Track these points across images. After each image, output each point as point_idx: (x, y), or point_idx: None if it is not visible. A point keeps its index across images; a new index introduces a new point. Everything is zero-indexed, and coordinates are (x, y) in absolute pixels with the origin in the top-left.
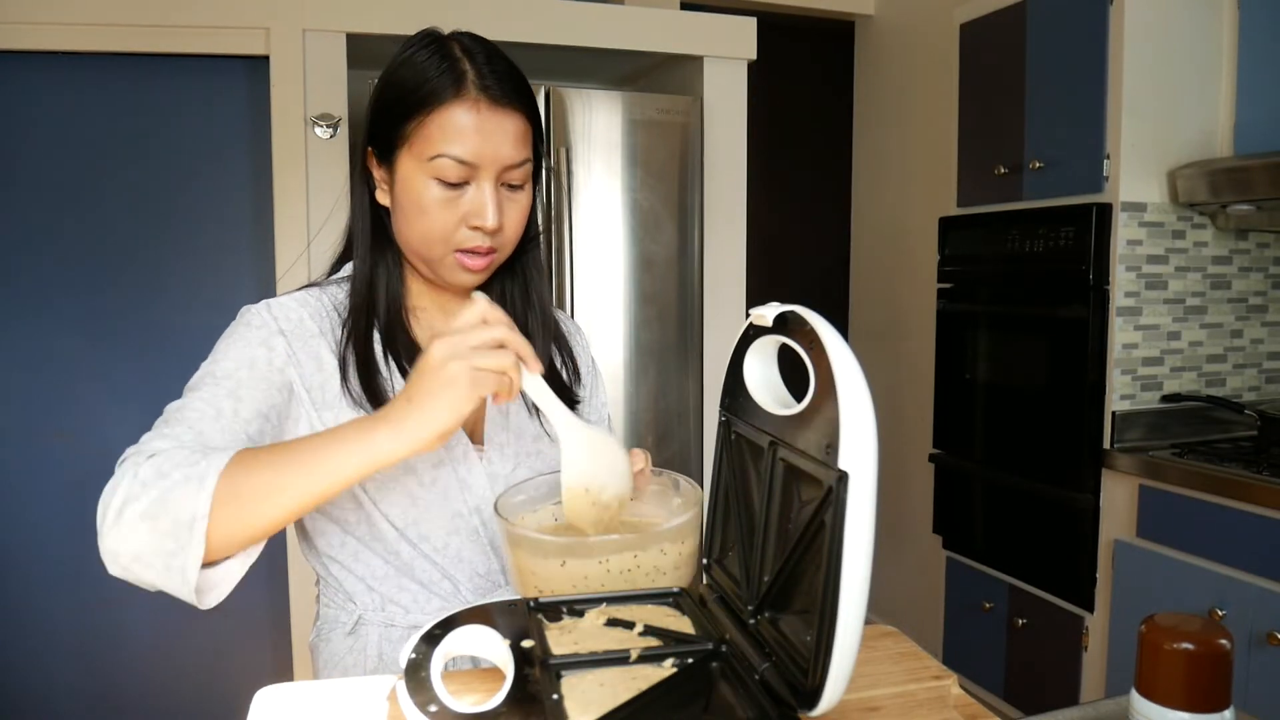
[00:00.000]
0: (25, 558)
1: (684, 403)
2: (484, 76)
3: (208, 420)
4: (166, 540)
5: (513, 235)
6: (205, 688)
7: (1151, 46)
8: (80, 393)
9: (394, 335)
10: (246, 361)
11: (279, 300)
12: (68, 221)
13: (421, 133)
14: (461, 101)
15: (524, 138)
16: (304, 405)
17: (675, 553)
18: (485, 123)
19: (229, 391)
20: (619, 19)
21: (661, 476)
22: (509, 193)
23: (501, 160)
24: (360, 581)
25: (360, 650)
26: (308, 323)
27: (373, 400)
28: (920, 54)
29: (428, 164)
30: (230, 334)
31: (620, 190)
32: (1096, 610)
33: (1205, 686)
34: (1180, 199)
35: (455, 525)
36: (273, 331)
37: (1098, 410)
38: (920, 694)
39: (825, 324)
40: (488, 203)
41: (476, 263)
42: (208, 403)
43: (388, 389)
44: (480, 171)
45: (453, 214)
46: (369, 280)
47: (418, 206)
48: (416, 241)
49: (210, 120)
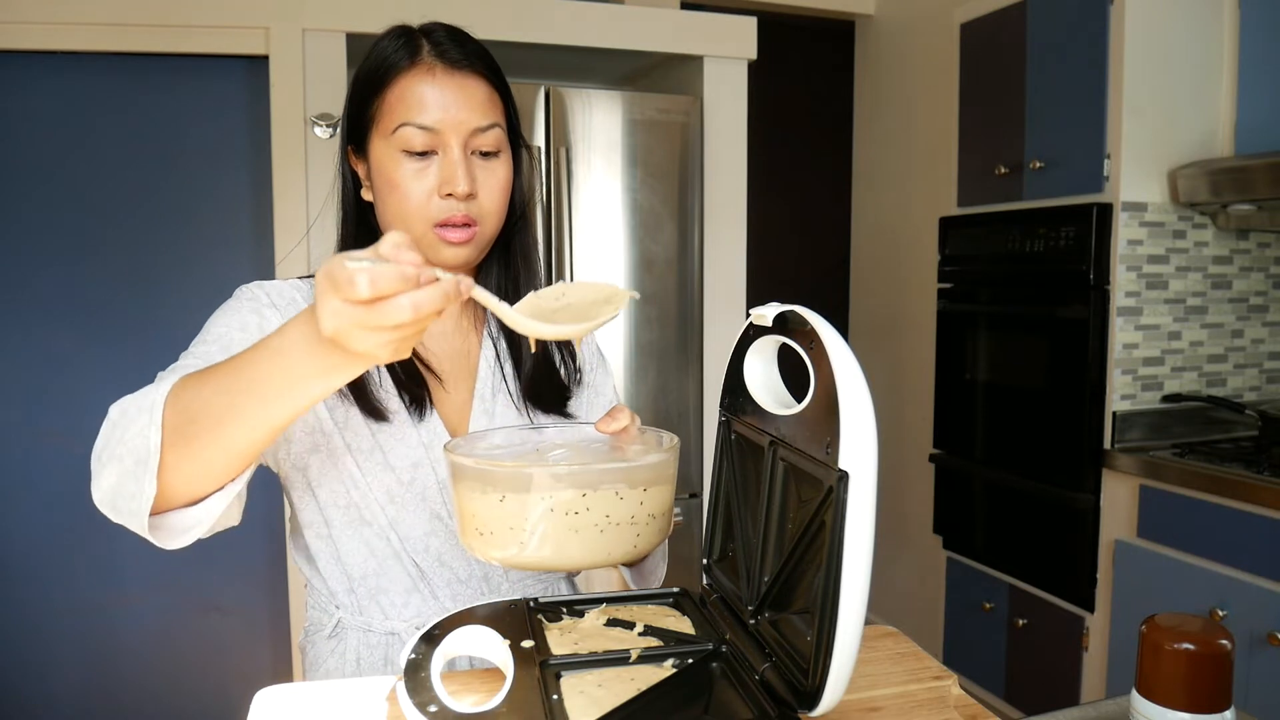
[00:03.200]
0: (25, 558)
1: (684, 403)
2: (439, 44)
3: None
4: (129, 480)
5: (491, 206)
6: (205, 688)
7: (1151, 46)
8: (79, 392)
9: None
10: (238, 325)
11: (273, 282)
12: (67, 221)
13: (384, 109)
14: (416, 69)
15: (488, 101)
16: None
17: (634, 500)
18: (443, 87)
19: (221, 349)
20: (619, 19)
21: (646, 434)
22: (482, 161)
23: (465, 124)
24: (343, 578)
25: (340, 654)
26: (300, 304)
27: (358, 396)
28: (920, 54)
29: (393, 138)
30: (222, 308)
31: (620, 190)
32: (1097, 610)
33: (1206, 687)
34: (1181, 199)
35: (434, 527)
36: (265, 304)
37: (1098, 410)
38: (920, 694)
39: (825, 324)
40: (456, 168)
41: (457, 235)
42: (198, 358)
43: (372, 386)
44: (445, 137)
45: (424, 185)
46: None
47: (390, 184)
48: (396, 222)
49: (210, 120)
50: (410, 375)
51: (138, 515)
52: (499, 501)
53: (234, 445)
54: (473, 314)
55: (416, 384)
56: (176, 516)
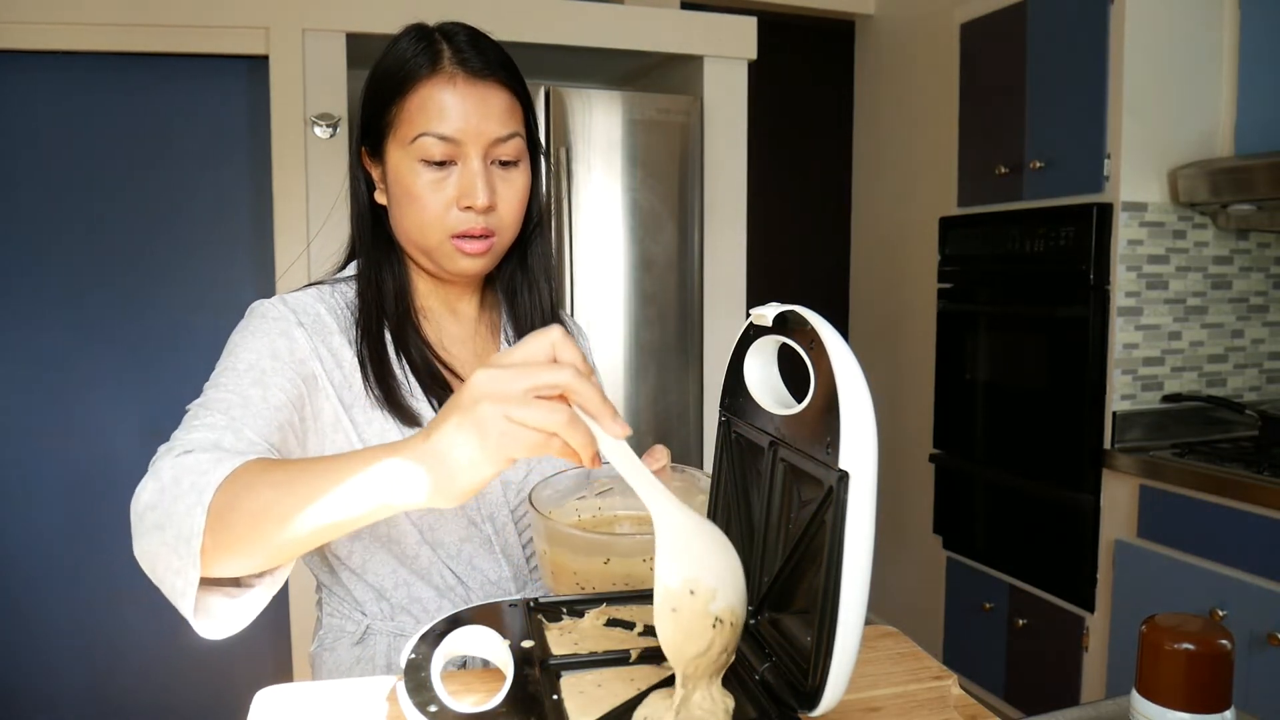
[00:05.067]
0: (25, 558)
1: (684, 403)
2: (461, 51)
3: (236, 408)
4: (173, 556)
5: (510, 217)
6: (205, 688)
7: (1151, 46)
8: (79, 392)
9: (404, 334)
10: (268, 352)
11: (293, 295)
12: (67, 221)
13: (403, 116)
14: (437, 77)
15: (509, 111)
16: (329, 400)
17: None
18: (464, 96)
19: (254, 380)
20: (619, 19)
21: (683, 474)
22: (501, 171)
23: (485, 134)
24: (371, 589)
25: (369, 660)
26: (325, 318)
27: (390, 403)
28: (920, 54)
29: (411, 146)
30: (244, 328)
31: (620, 190)
32: (1097, 610)
33: (1206, 687)
34: (1181, 199)
35: (469, 533)
36: (292, 324)
37: (1098, 410)
38: (920, 694)
39: (825, 324)
40: (476, 180)
41: (474, 246)
42: (234, 392)
43: (403, 392)
44: (465, 148)
45: (442, 196)
46: (374, 280)
47: (408, 194)
48: (413, 232)
49: (210, 120)
50: (436, 378)
51: (183, 597)
52: (604, 564)
53: (281, 548)
54: (489, 319)
55: (442, 387)
56: (217, 601)
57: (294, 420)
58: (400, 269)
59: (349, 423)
